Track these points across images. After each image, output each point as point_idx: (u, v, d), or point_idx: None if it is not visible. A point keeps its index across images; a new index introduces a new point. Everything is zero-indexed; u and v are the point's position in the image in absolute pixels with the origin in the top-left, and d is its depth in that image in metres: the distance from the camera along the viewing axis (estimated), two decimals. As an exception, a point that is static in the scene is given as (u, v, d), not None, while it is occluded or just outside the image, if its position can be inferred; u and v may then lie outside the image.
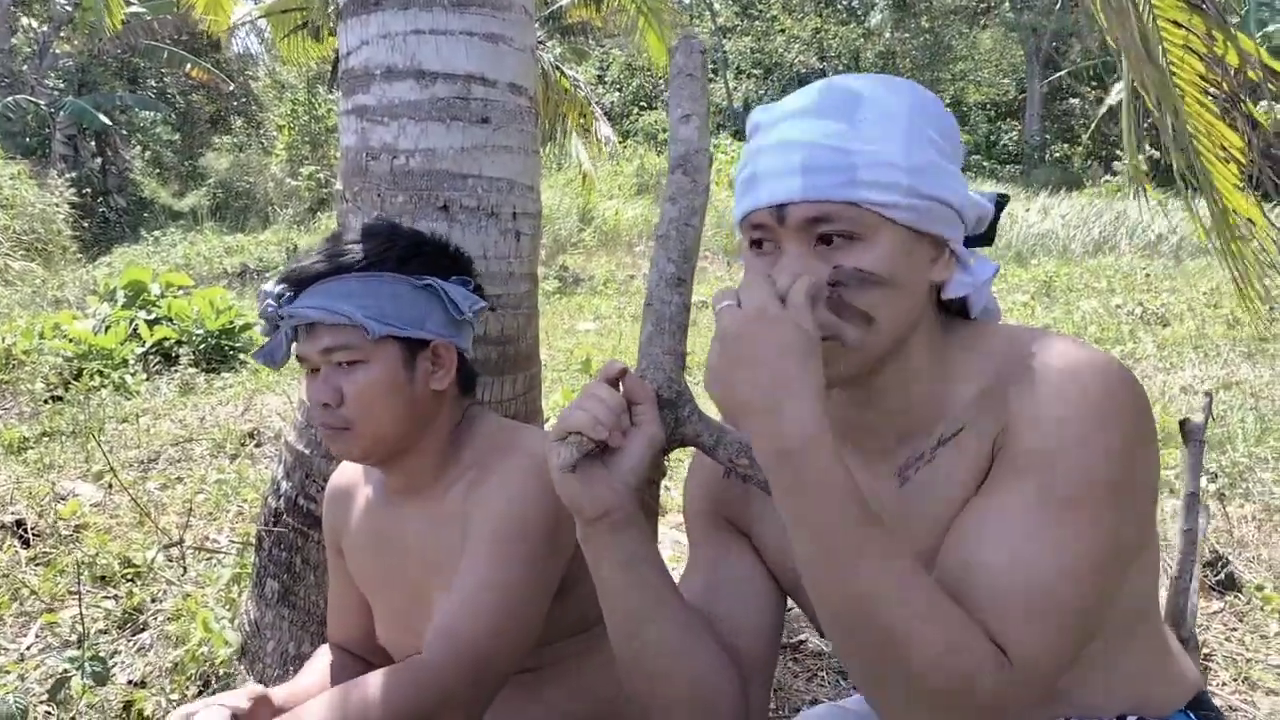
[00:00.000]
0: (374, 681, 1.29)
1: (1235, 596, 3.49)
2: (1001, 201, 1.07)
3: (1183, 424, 2.37)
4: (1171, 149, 3.38)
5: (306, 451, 2.38)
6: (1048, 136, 24.14)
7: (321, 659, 1.67)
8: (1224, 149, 3.96)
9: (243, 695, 1.41)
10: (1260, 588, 3.42)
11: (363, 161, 2.30)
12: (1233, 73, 3.84)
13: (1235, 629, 3.31)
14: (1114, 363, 0.96)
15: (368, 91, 2.29)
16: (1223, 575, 3.64)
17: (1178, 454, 4.57)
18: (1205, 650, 3.11)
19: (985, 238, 1.08)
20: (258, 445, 4.85)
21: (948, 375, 1.03)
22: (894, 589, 0.87)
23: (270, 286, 1.43)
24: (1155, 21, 4.13)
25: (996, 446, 0.96)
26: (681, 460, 4.32)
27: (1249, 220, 3.64)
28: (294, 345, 1.44)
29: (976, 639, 0.87)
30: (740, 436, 1.05)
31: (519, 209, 2.35)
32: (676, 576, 1.15)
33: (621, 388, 1.07)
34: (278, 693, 1.49)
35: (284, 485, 2.43)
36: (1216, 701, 2.47)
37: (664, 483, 3.75)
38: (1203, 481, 4.55)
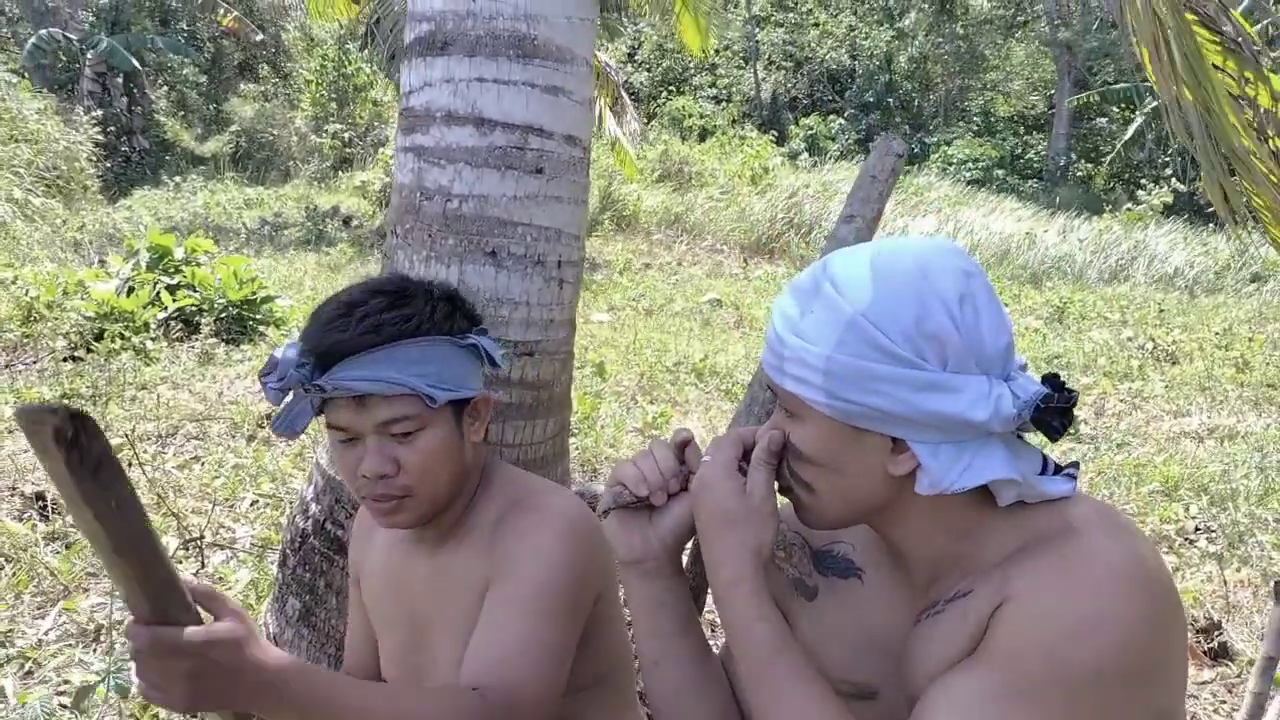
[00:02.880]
0: (421, 697, 1.27)
1: (1227, 666, 3.54)
2: (1053, 398, 0.98)
3: (1278, 585, 2.33)
4: (1216, 181, 3.39)
5: (338, 477, 2.43)
6: (1072, 155, 24.03)
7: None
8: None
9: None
10: (1253, 662, 3.46)
11: (416, 200, 2.33)
12: (1263, 112, 3.87)
13: (1225, 701, 3.36)
14: (1144, 570, 0.92)
15: (427, 133, 2.32)
16: (1215, 644, 3.69)
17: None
18: (1193, 724, 3.16)
19: (1051, 429, 1.00)
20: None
21: (973, 541, 1.04)
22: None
23: (293, 355, 1.37)
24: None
25: (991, 619, 0.96)
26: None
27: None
28: (324, 412, 1.38)
29: None
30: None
31: (564, 258, 2.39)
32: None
33: (683, 454, 1.17)
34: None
35: (313, 508, 2.49)
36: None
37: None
38: (1202, 542, 4.63)
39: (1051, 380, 1.00)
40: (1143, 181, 18.21)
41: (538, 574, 1.37)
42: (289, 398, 1.38)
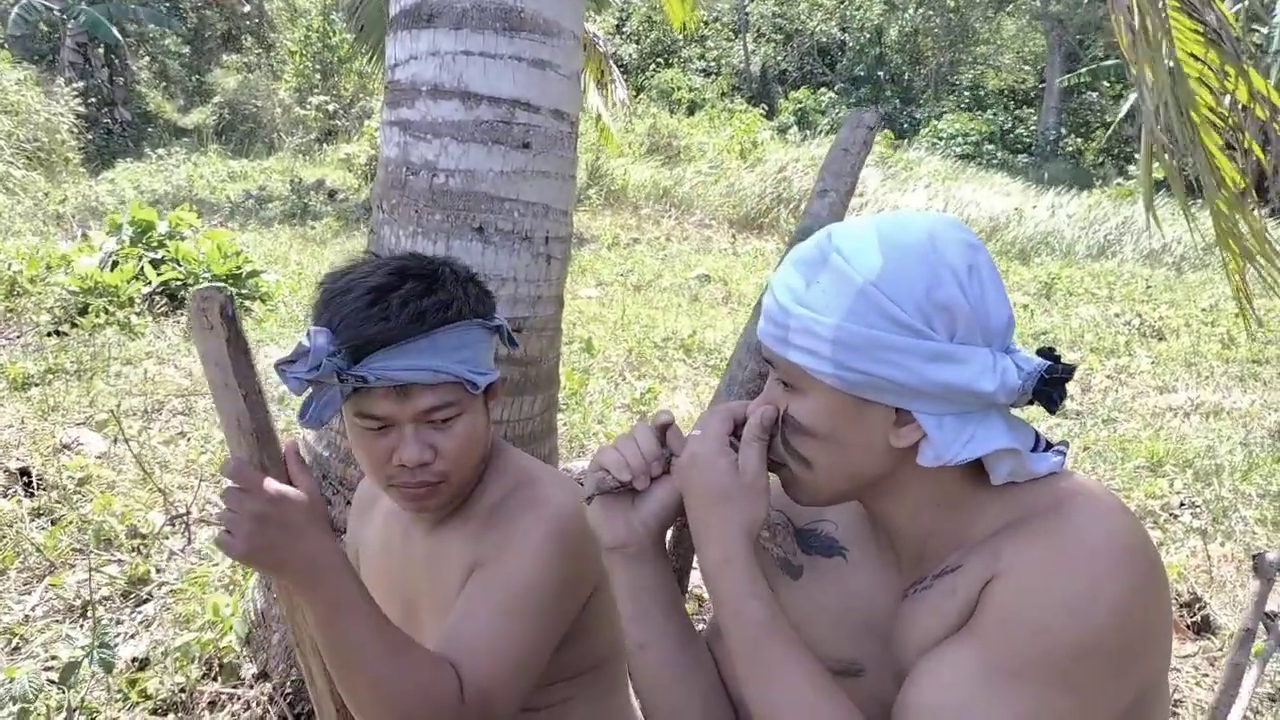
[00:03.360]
0: (417, 654, 1.25)
1: (1210, 640, 3.58)
2: (1056, 369, 1.01)
3: (1256, 559, 2.34)
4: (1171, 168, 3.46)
5: (325, 454, 2.42)
6: (1062, 130, 24.02)
7: None
8: (1221, 181, 4.04)
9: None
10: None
11: (402, 175, 2.31)
12: (1240, 108, 3.89)
13: (1206, 674, 3.39)
14: (1131, 547, 0.93)
15: (412, 106, 2.29)
16: (1199, 618, 3.73)
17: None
18: (1176, 696, 3.19)
19: (1050, 401, 1.02)
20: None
21: (963, 516, 1.04)
22: (793, 703, 0.98)
23: (324, 343, 1.29)
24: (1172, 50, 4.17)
25: (981, 595, 0.97)
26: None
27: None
28: (351, 400, 1.34)
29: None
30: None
31: (552, 233, 2.38)
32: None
33: (665, 437, 1.15)
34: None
35: (300, 484, 2.48)
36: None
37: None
38: (1186, 518, 4.67)
39: (1048, 354, 1.01)
40: (1133, 156, 18.20)
41: (521, 573, 1.35)
42: (310, 388, 1.31)
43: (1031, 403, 1.03)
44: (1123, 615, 0.90)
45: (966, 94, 25.74)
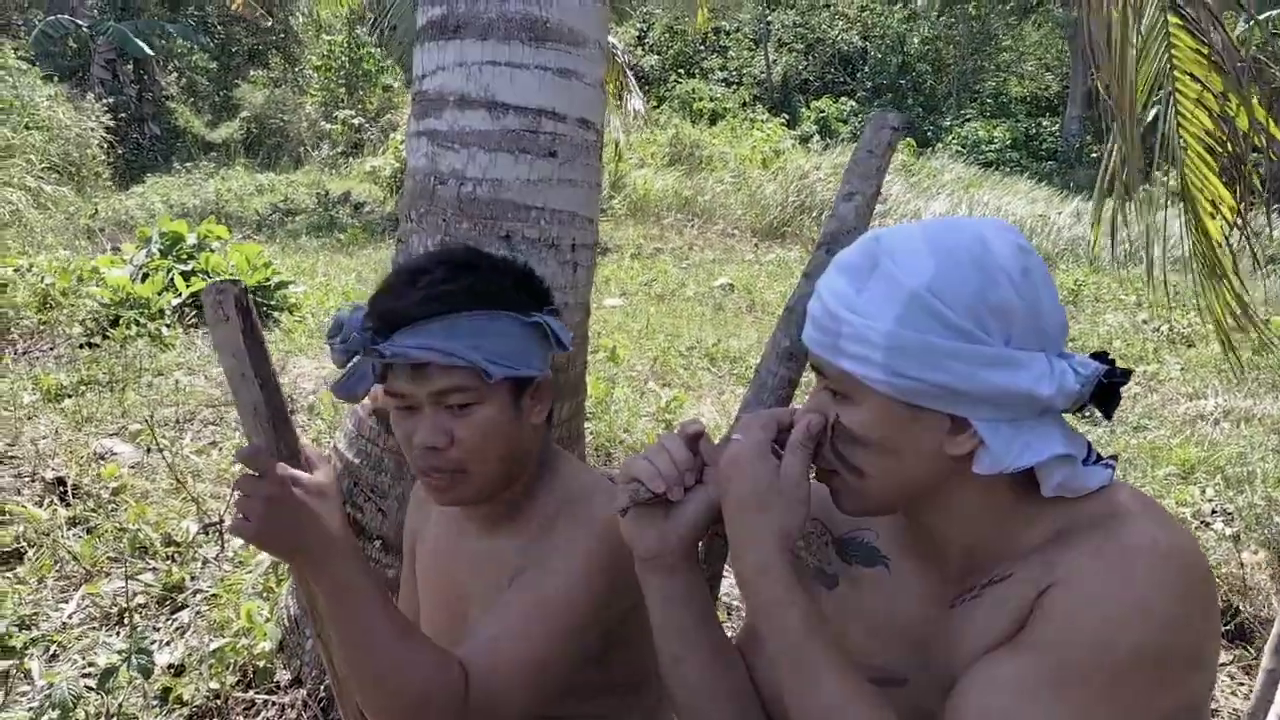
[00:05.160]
0: (423, 644, 1.26)
1: (1244, 649, 3.54)
2: (1113, 373, 1.00)
3: None
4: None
5: (356, 461, 2.45)
6: (1087, 136, 23.86)
7: None
8: (1213, 204, 4.03)
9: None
10: (1268, 644, 3.45)
11: (430, 185, 2.34)
12: (1241, 135, 3.90)
13: (1242, 683, 3.36)
14: (1186, 560, 0.93)
15: (440, 117, 2.32)
16: (1232, 625, 3.69)
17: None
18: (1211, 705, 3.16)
19: (1108, 406, 1.03)
20: (290, 414, 4.93)
21: (1013, 527, 1.03)
22: (834, 711, 0.97)
23: (357, 317, 1.35)
24: (1172, 70, 4.17)
25: (1035, 604, 0.96)
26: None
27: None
28: (386, 379, 1.37)
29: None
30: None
31: (578, 241, 2.40)
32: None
33: (697, 446, 1.14)
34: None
35: (331, 491, 2.50)
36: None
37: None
38: (1219, 525, 4.62)
39: (1101, 357, 1.00)
40: (1159, 163, 18.03)
41: (556, 587, 1.35)
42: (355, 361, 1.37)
43: (1081, 409, 1.02)
44: (1177, 627, 0.90)
45: (989, 101, 25.61)
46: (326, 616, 1.21)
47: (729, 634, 1.24)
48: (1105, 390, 1.00)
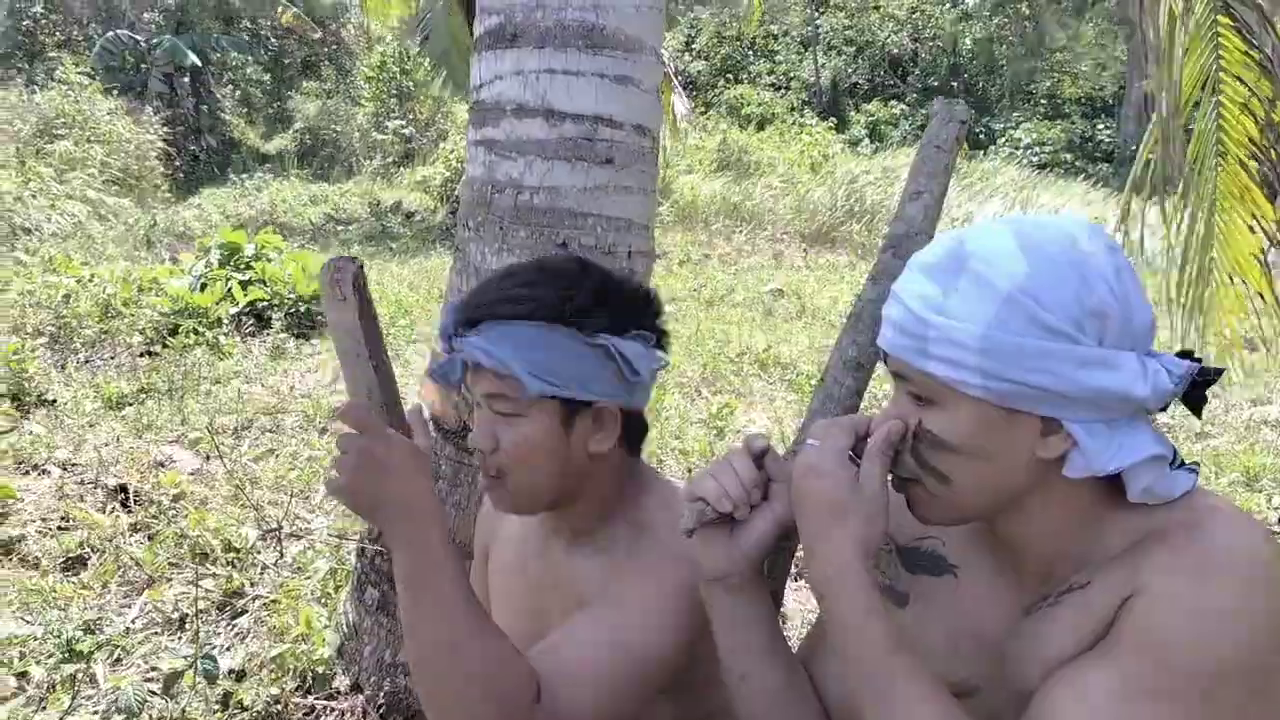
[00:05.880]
0: (499, 634, 1.21)
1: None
2: (1204, 372, 0.99)
3: None
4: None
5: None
6: (1144, 136, 23.43)
7: None
8: (1254, 217, 3.91)
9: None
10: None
11: (488, 194, 2.34)
12: None
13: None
14: (1275, 561, 0.90)
15: (497, 126, 2.33)
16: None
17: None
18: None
19: (1198, 404, 1.02)
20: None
21: (1094, 534, 1.02)
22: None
23: (454, 305, 1.37)
24: (1217, 72, 4.07)
25: (1120, 612, 0.94)
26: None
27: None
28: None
29: None
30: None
31: (634, 248, 2.39)
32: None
33: (761, 461, 1.12)
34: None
35: (389, 498, 2.51)
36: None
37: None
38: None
39: (1188, 355, 0.98)
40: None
41: (631, 619, 1.31)
42: None
43: (1163, 410, 1.00)
44: (1268, 634, 0.87)
45: (1043, 102, 25.24)
46: (401, 587, 1.15)
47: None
48: (1193, 390, 0.99)
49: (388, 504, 1.12)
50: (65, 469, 4.14)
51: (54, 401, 5.00)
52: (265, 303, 6.96)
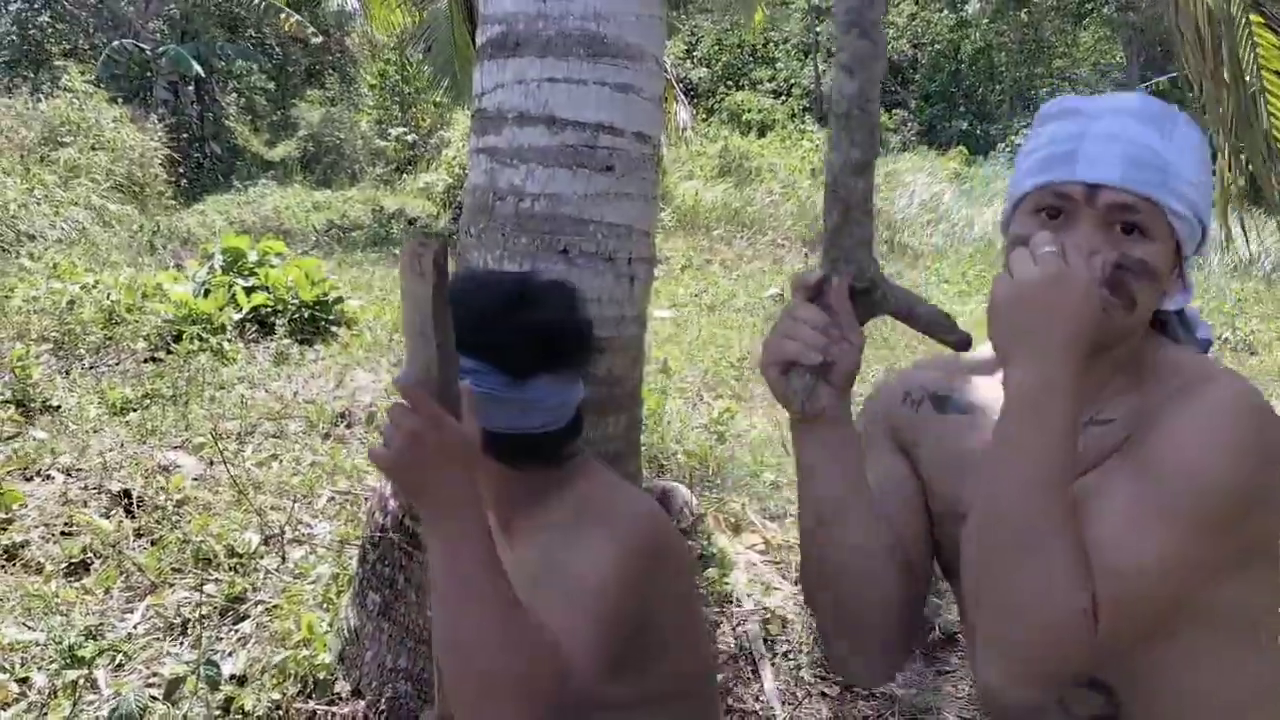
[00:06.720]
0: (530, 618, 1.22)
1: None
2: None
3: None
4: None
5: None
6: (1145, 141, 23.43)
7: None
8: None
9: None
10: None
11: (489, 201, 2.36)
12: None
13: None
14: (1266, 415, 1.04)
15: (499, 133, 2.34)
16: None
17: None
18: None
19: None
20: (349, 426, 5.01)
21: (1135, 371, 1.14)
22: (1051, 520, 0.99)
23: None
24: (1259, 70, 4.08)
25: (1139, 445, 1.05)
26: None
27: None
28: None
29: (1076, 596, 0.97)
30: (929, 307, 1.13)
31: (635, 254, 2.40)
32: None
33: (818, 294, 1.13)
34: None
35: (391, 504, 2.53)
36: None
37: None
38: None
39: None
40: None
41: (586, 578, 1.34)
42: None
43: None
44: (1260, 467, 1.01)
45: (1044, 108, 25.25)
46: (438, 572, 1.18)
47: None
48: None
49: (430, 490, 1.15)
50: (69, 474, 4.16)
51: (58, 407, 5.01)
52: (269, 309, 6.97)
